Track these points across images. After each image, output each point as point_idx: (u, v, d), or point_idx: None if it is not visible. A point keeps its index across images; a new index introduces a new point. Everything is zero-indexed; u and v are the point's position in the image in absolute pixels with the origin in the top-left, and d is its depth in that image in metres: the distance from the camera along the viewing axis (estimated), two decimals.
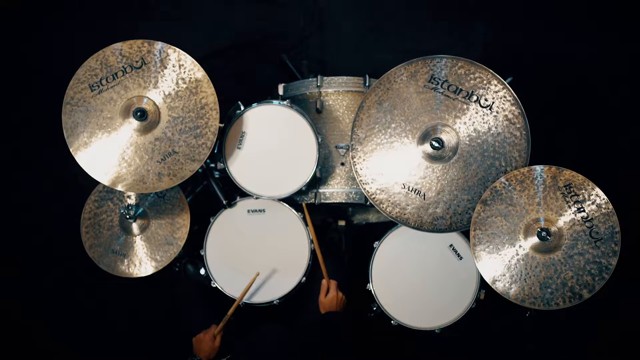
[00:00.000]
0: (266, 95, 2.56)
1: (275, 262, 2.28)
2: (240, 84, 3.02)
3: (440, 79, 2.02)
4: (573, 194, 1.88)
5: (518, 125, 1.98)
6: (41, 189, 2.89)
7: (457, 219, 2.02)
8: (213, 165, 2.34)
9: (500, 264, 1.90)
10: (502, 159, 1.98)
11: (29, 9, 3.00)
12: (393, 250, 2.23)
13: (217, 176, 2.37)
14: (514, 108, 1.98)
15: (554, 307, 1.85)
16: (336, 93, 2.38)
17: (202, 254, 2.29)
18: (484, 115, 1.99)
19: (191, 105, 2.04)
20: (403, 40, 3.09)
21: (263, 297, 2.26)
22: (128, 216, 2.20)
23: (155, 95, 2.04)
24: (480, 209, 1.94)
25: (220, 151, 2.23)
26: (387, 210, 2.06)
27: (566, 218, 1.87)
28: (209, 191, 2.35)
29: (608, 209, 1.86)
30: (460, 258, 2.19)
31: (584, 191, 1.88)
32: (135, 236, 2.27)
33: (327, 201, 2.34)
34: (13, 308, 2.71)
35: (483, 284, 2.12)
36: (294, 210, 2.29)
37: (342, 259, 2.60)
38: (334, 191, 2.35)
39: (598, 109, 2.88)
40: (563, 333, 2.54)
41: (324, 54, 3.12)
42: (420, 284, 2.20)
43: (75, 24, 3.03)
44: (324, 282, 2.16)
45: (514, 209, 1.91)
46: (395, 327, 2.18)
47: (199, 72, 2.06)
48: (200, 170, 2.14)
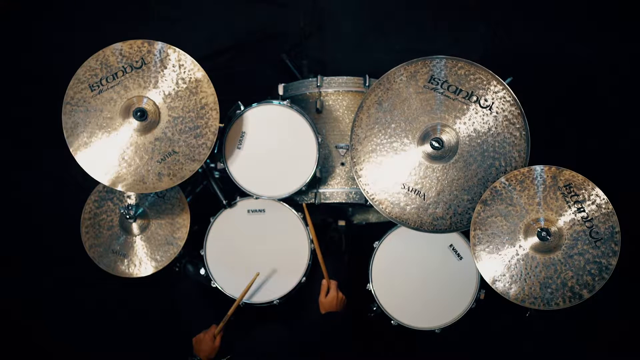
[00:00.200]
0: (266, 95, 2.56)
1: (275, 262, 2.28)
2: (240, 84, 3.02)
3: (440, 80, 2.02)
4: (573, 194, 1.88)
5: (518, 126, 1.98)
6: (41, 189, 2.89)
7: (457, 219, 2.02)
8: (213, 165, 2.34)
9: (500, 264, 1.90)
10: (502, 159, 1.98)
11: (29, 9, 3.00)
12: (393, 250, 2.23)
13: (217, 176, 2.37)
14: (513, 108, 1.98)
15: (554, 307, 1.85)
16: (336, 93, 2.37)
17: (202, 254, 2.29)
18: (483, 115, 1.99)
19: (191, 105, 2.04)
20: (403, 40, 3.10)
21: (263, 297, 2.25)
22: (128, 216, 2.20)
23: (155, 95, 2.04)
24: (480, 209, 1.94)
25: (220, 151, 2.23)
26: (387, 210, 2.06)
27: (566, 218, 1.87)
28: (209, 191, 2.35)
29: (608, 209, 1.86)
30: (460, 258, 2.19)
31: (584, 191, 1.88)
32: (135, 236, 2.27)
33: (327, 201, 2.34)
34: (13, 308, 2.71)
35: (483, 284, 2.12)
36: (294, 210, 2.29)
37: (342, 259, 2.60)
38: (334, 191, 2.35)
39: (598, 109, 2.88)
40: (563, 333, 2.54)
41: (324, 54, 3.12)
42: (420, 284, 2.20)
43: (75, 24, 3.03)
44: (324, 282, 2.15)
45: (514, 209, 1.91)
46: (395, 327, 2.18)
47: (199, 72, 2.06)
48: (200, 170, 2.14)
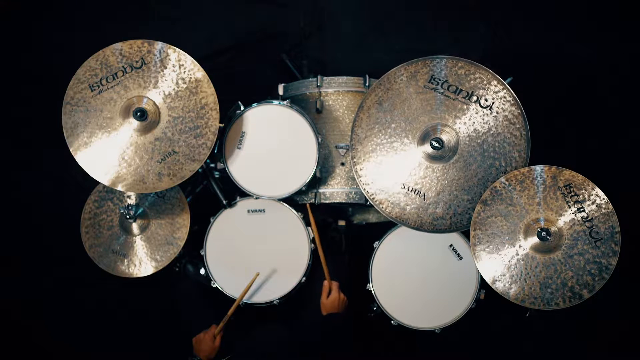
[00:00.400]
0: (266, 95, 2.56)
1: (275, 262, 2.28)
2: (240, 84, 3.02)
3: (440, 79, 2.02)
4: (573, 194, 1.88)
5: (518, 126, 1.98)
6: (41, 189, 2.89)
7: (457, 219, 2.02)
8: (213, 165, 2.33)
9: (500, 264, 1.90)
10: (502, 159, 1.98)
11: (29, 9, 3.00)
12: (393, 250, 2.23)
13: (217, 176, 2.37)
14: (513, 108, 1.98)
15: (554, 307, 1.85)
16: (336, 93, 2.37)
17: (202, 254, 2.29)
18: (484, 115, 1.99)
19: (191, 105, 2.04)
20: (403, 40, 3.09)
21: (263, 297, 2.25)
22: (128, 216, 2.20)
23: (155, 95, 2.04)
24: (480, 209, 1.94)
25: (220, 151, 2.23)
26: (387, 210, 2.06)
27: (566, 218, 1.87)
28: (209, 191, 2.35)
29: (608, 209, 1.86)
30: (460, 258, 2.19)
31: (584, 191, 1.88)
32: (135, 236, 2.27)
33: (327, 201, 2.34)
34: (13, 308, 2.71)
35: (483, 284, 2.12)
36: (294, 210, 2.29)
37: (342, 259, 2.60)
38: (334, 191, 2.35)
39: (598, 109, 2.88)
40: (563, 333, 2.54)
41: (324, 54, 3.12)
42: (420, 284, 2.20)
43: (75, 24, 3.03)
44: (325, 284, 2.14)
45: (514, 209, 1.91)
46: (395, 327, 2.18)
47: (199, 72, 2.06)
48: (200, 170, 2.14)
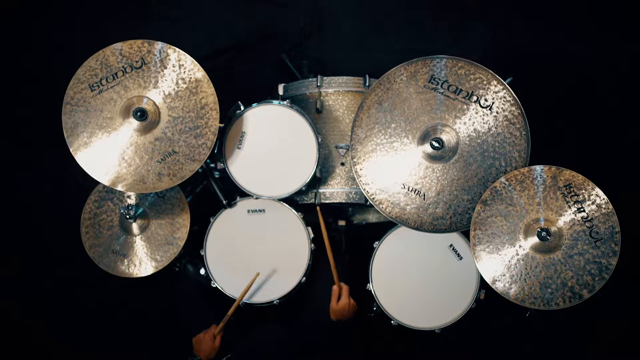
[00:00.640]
0: (266, 95, 2.56)
1: (275, 262, 2.28)
2: (240, 84, 3.02)
3: (440, 79, 2.02)
4: (573, 194, 1.88)
5: (518, 126, 1.98)
6: (41, 189, 2.89)
7: (457, 219, 2.02)
8: (213, 165, 2.33)
9: (500, 264, 1.90)
10: (502, 159, 1.98)
11: (29, 9, 3.00)
12: (393, 250, 2.23)
13: (217, 176, 2.37)
14: (513, 108, 1.98)
15: (554, 307, 1.85)
16: (336, 93, 2.37)
17: (202, 254, 2.29)
18: (484, 115, 1.99)
19: (191, 105, 2.04)
20: (403, 40, 3.09)
21: (263, 297, 2.25)
22: (128, 216, 2.20)
23: (155, 95, 2.04)
24: (480, 209, 1.94)
25: (220, 151, 2.23)
26: (387, 210, 2.06)
27: (566, 218, 1.87)
28: (209, 191, 2.35)
29: (608, 209, 1.86)
30: (460, 258, 2.19)
31: (584, 191, 1.88)
32: (135, 236, 2.27)
33: (327, 201, 2.34)
34: (13, 308, 2.71)
35: (483, 284, 2.12)
36: (294, 210, 2.29)
37: (342, 259, 2.60)
38: (334, 191, 2.35)
39: (598, 109, 2.88)
40: (563, 333, 2.54)
41: (324, 54, 3.12)
42: (420, 284, 2.20)
43: (75, 24, 3.03)
44: (335, 288, 2.08)
45: (514, 209, 1.91)
46: (395, 327, 2.18)
47: (199, 72, 2.06)
48: (200, 170, 2.14)
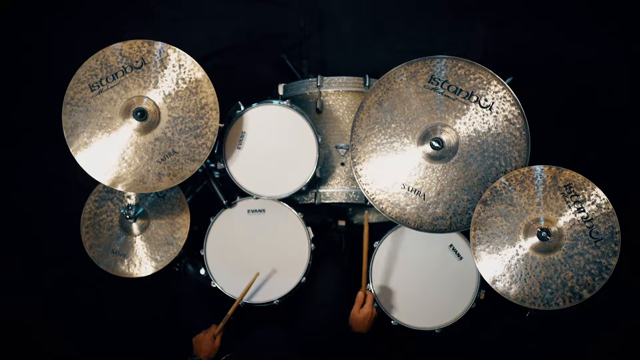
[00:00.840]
0: (266, 95, 2.56)
1: (275, 262, 2.28)
2: (240, 84, 3.02)
3: (440, 79, 2.02)
4: (573, 194, 1.88)
5: (518, 126, 1.98)
6: (41, 189, 2.89)
7: (457, 219, 2.02)
8: (213, 165, 2.34)
9: (500, 264, 1.90)
10: (502, 159, 1.98)
11: (29, 9, 3.00)
12: (393, 250, 2.23)
13: (217, 176, 2.37)
14: (513, 108, 1.98)
15: (554, 307, 1.85)
16: (336, 93, 2.37)
17: (202, 254, 2.29)
18: (484, 115, 1.99)
19: (191, 105, 2.04)
20: (403, 40, 3.10)
21: (263, 297, 2.25)
22: (128, 216, 2.20)
23: (155, 95, 2.04)
24: (480, 209, 1.94)
25: (220, 151, 2.23)
26: (387, 210, 2.06)
27: (566, 218, 1.87)
28: (209, 191, 2.35)
29: (608, 209, 1.86)
30: (460, 258, 2.19)
31: (584, 191, 1.88)
32: (135, 236, 2.27)
33: (327, 201, 2.34)
34: (13, 308, 2.71)
35: (483, 284, 2.12)
36: (294, 210, 2.29)
37: (342, 259, 2.60)
38: (334, 191, 2.35)
39: (598, 109, 2.88)
40: (563, 333, 2.53)
41: (324, 54, 3.12)
42: (420, 284, 2.20)
43: (75, 24, 3.03)
44: (360, 294, 2.02)
45: (514, 209, 1.91)
46: (395, 327, 2.18)
47: (199, 72, 2.06)
48: (200, 170, 2.14)
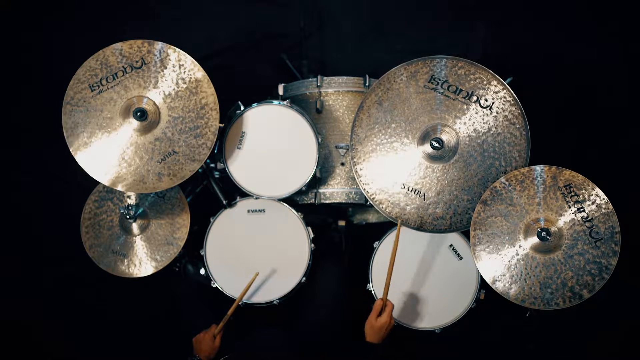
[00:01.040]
0: (266, 95, 2.56)
1: (275, 262, 2.28)
2: (240, 84, 3.02)
3: (440, 79, 2.02)
4: (573, 194, 1.88)
5: (518, 126, 1.98)
6: (41, 189, 2.89)
7: (457, 219, 2.02)
8: (213, 165, 2.34)
9: (500, 264, 1.90)
10: (502, 159, 1.98)
11: (29, 9, 3.00)
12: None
13: (217, 176, 2.37)
14: (513, 108, 1.98)
15: (554, 307, 1.85)
16: (336, 93, 2.37)
17: (202, 254, 2.29)
18: (484, 115, 1.99)
19: (191, 105, 2.04)
20: (403, 40, 3.10)
21: (263, 297, 2.25)
22: (128, 216, 2.20)
23: (155, 95, 2.04)
24: (480, 209, 1.94)
25: (220, 151, 2.23)
26: (387, 210, 2.06)
27: (566, 218, 1.87)
28: (209, 191, 2.35)
29: (608, 209, 1.86)
30: (460, 258, 2.19)
31: (584, 191, 1.88)
32: (135, 236, 2.27)
33: (327, 201, 2.34)
34: (13, 308, 2.71)
35: (483, 284, 2.12)
36: (294, 210, 2.29)
37: (342, 259, 2.60)
38: (334, 191, 2.35)
39: (598, 109, 2.88)
40: (563, 333, 2.54)
41: (324, 54, 3.12)
42: (420, 284, 2.20)
43: (75, 24, 3.03)
44: (378, 302, 1.95)
45: (514, 209, 1.91)
46: (395, 327, 2.17)
47: (199, 72, 2.06)
48: (200, 170, 2.14)
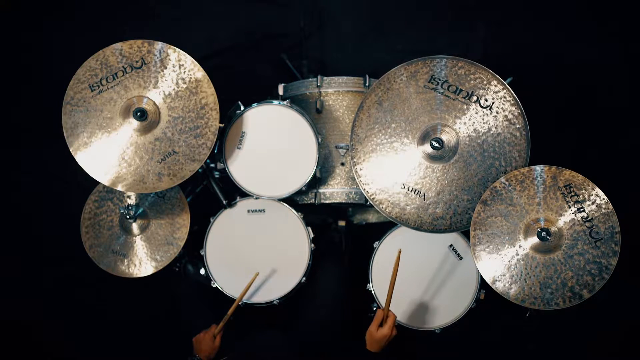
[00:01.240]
0: (266, 95, 2.56)
1: (275, 262, 2.28)
2: (240, 84, 3.02)
3: (440, 79, 2.02)
4: (573, 194, 1.88)
5: (518, 126, 1.98)
6: (41, 189, 2.89)
7: (457, 219, 2.02)
8: (213, 165, 2.34)
9: (500, 264, 1.90)
10: (502, 159, 1.98)
11: (29, 9, 3.00)
12: (393, 250, 2.22)
13: (217, 176, 2.37)
14: (513, 108, 1.98)
15: (554, 307, 1.85)
16: (336, 93, 2.37)
17: (202, 254, 2.29)
18: (484, 115, 1.99)
19: (191, 105, 2.04)
20: (403, 40, 3.10)
21: (263, 297, 2.25)
22: (128, 216, 2.20)
23: (155, 95, 2.04)
24: (480, 209, 1.94)
25: (220, 151, 2.23)
26: (387, 210, 2.06)
27: (566, 218, 1.87)
28: (209, 191, 2.35)
29: (608, 209, 1.86)
30: (460, 258, 2.19)
31: (584, 191, 1.88)
32: (135, 236, 2.27)
33: (327, 201, 2.34)
34: (13, 308, 2.71)
35: (483, 284, 2.12)
36: (294, 210, 2.29)
37: (342, 259, 2.60)
38: (334, 191, 2.35)
39: (598, 109, 2.88)
40: (563, 333, 2.54)
41: (324, 54, 3.12)
42: (420, 283, 2.20)
43: (75, 24, 3.03)
44: (380, 313, 1.94)
45: (514, 209, 1.91)
46: (395, 327, 2.17)
47: (199, 72, 2.06)
48: (200, 170, 2.14)
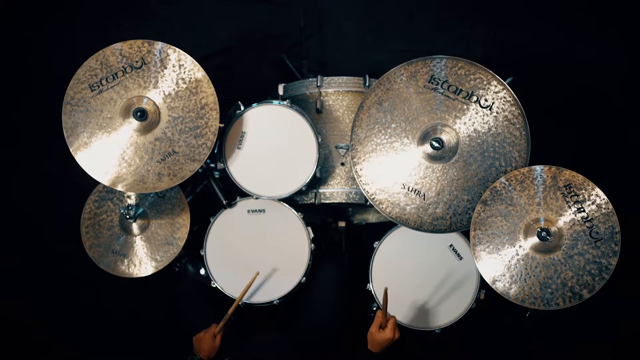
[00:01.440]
0: (266, 95, 2.56)
1: (275, 262, 2.28)
2: (240, 84, 3.02)
3: (440, 80, 2.02)
4: (573, 194, 1.88)
5: (518, 126, 1.98)
6: (41, 189, 2.89)
7: (457, 219, 2.02)
8: (213, 165, 2.34)
9: (500, 264, 1.90)
10: (502, 159, 1.98)
11: (29, 9, 3.00)
12: (393, 250, 2.23)
13: (217, 176, 2.37)
14: (513, 108, 1.98)
15: (554, 307, 1.85)
16: (336, 93, 2.37)
17: (202, 254, 2.29)
18: (484, 115, 1.99)
19: (191, 105, 2.04)
20: (403, 41, 3.10)
21: (263, 297, 2.25)
22: (128, 216, 2.20)
23: (155, 95, 2.04)
24: (480, 209, 1.94)
25: (220, 151, 2.23)
26: (387, 210, 2.06)
27: (566, 218, 1.87)
28: (209, 191, 2.35)
29: (608, 209, 1.86)
30: (460, 258, 2.19)
31: (584, 191, 1.88)
32: (135, 236, 2.27)
33: (327, 201, 2.34)
34: (13, 308, 2.71)
35: (483, 284, 2.12)
36: (294, 210, 2.29)
37: (342, 259, 2.60)
38: (334, 191, 2.35)
39: (598, 109, 2.88)
40: (563, 333, 2.54)
41: (324, 54, 3.12)
42: (420, 284, 2.20)
43: (75, 24, 3.03)
44: (379, 314, 1.94)
45: (514, 209, 1.91)
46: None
47: (199, 72, 2.06)
48: (200, 170, 2.14)
